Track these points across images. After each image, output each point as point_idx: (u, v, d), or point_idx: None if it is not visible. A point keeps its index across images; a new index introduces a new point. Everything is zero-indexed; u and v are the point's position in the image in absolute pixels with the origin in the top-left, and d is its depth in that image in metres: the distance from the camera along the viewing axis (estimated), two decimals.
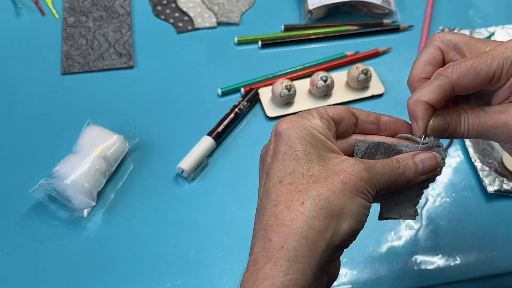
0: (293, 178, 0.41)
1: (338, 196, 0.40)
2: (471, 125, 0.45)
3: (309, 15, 0.86)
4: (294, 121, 0.43)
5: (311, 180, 0.40)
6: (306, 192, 0.40)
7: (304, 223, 0.39)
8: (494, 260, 0.66)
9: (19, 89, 0.80)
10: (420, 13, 0.89)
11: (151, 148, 0.74)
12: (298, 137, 0.42)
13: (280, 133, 0.42)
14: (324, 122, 0.43)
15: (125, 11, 0.88)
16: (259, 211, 0.41)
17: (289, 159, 0.41)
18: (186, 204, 0.70)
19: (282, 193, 0.40)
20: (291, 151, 0.42)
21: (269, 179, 0.42)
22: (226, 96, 0.79)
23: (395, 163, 0.44)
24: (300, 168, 0.41)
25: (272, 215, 0.40)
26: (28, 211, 0.68)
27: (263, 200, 0.41)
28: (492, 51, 0.44)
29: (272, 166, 0.42)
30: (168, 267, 0.65)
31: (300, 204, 0.39)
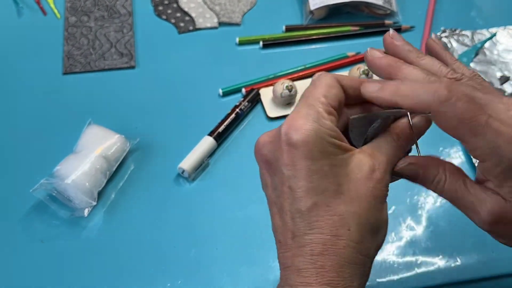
0: (328, 198, 0.40)
1: (374, 213, 0.41)
2: (446, 190, 0.43)
3: (311, 15, 0.86)
4: (309, 129, 0.40)
5: (346, 198, 0.40)
6: (349, 216, 0.40)
7: (355, 250, 0.40)
8: (495, 261, 0.66)
9: (20, 88, 0.80)
10: (421, 14, 0.89)
11: (152, 148, 0.74)
12: (320, 150, 0.40)
13: (297, 145, 0.40)
14: (333, 120, 0.42)
15: (127, 11, 0.88)
16: (294, 232, 0.40)
17: (317, 177, 0.40)
18: (186, 204, 0.70)
19: (323, 218, 0.40)
20: (316, 167, 0.40)
21: (299, 199, 0.40)
22: (227, 96, 0.79)
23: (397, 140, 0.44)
24: (331, 185, 0.40)
25: (319, 243, 0.40)
26: (29, 210, 0.68)
27: (298, 223, 0.40)
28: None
29: (297, 184, 0.40)
30: (168, 267, 0.65)
31: (347, 231, 0.40)
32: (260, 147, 0.43)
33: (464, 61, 0.82)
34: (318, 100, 0.42)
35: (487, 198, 0.41)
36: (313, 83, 0.43)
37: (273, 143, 0.42)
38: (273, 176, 0.42)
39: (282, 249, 0.41)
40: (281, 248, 0.42)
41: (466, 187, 0.42)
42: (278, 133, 0.41)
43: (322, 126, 0.40)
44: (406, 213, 0.69)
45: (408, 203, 0.70)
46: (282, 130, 0.41)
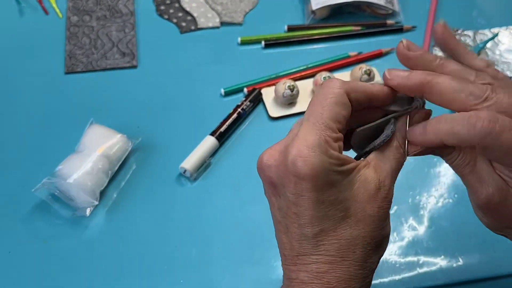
0: (334, 224, 0.41)
1: (379, 232, 0.42)
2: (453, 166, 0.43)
3: (313, 15, 0.86)
4: (317, 164, 0.39)
5: (352, 222, 0.41)
6: (354, 240, 0.41)
7: (360, 268, 0.41)
8: (497, 261, 0.66)
9: (22, 88, 0.80)
10: (423, 14, 0.89)
11: (154, 148, 0.74)
12: (326, 182, 0.40)
13: (304, 178, 0.39)
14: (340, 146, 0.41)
15: (129, 11, 0.88)
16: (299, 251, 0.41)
17: (324, 207, 0.40)
18: (188, 204, 0.70)
19: (330, 242, 0.41)
20: (323, 198, 0.40)
21: (305, 225, 0.40)
22: (229, 96, 0.79)
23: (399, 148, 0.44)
24: (337, 212, 0.40)
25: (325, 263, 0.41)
26: (31, 210, 0.68)
27: (305, 246, 0.41)
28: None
29: (304, 212, 0.40)
30: (170, 266, 0.65)
31: (352, 252, 0.41)
32: (265, 168, 0.42)
33: None
34: (327, 127, 0.40)
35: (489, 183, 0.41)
36: (322, 96, 0.42)
37: (279, 168, 0.41)
38: (278, 198, 0.42)
39: (288, 262, 0.42)
40: (286, 261, 0.42)
41: (474, 167, 0.42)
42: (285, 159, 0.40)
43: (330, 157, 0.40)
44: (408, 213, 0.69)
45: (410, 203, 0.70)
46: (290, 158, 0.40)
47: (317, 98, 0.42)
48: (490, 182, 0.41)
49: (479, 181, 0.42)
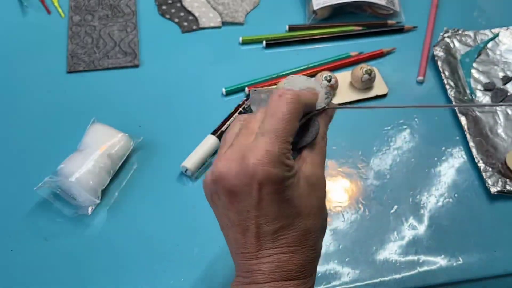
0: (292, 220, 0.45)
1: (322, 217, 0.48)
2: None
3: (314, 15, 0.87)
4: (277, 176, 0.44)
5: (305, 215, 0.46)
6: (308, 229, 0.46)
7: (313, 252, 0.47)
8: (497, 260, 0.66)
9: (25, 87, 0.80)
10: (424, 14, 0.89)
11: (156, 147, 0.74)
12: (283, 186, 0.44)
13: (267, 184, 0.44)
14: (291, 154, 0.45)
15: (131, 10, 0.88)
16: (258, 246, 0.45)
17: (284, 207, 0.45)
18: (189, 203, 0.70)
19: (288, 235, 0.46)
20: (282, 198, 0.45)
21: (267, 224, 0.45)
22: (230, 95, 0.80)
23: (322, 140, 0.49)
24: (293, 210, 0.45)
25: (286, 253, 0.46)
26: (33, 208, 0.69)
27: (265, 241, 0.45)
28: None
29: (267, 213, 0.45)
30: (171, 265, 0.65)
31: (307, 240, 0.46)
32: (223, 177, 0.45)
33: (467, 61, 0.82)
34: (285, 140, 0.44)
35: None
36: (283, 112, 0.45)
37: (239, 176, 0.44)
38: (237, 203, 0.45)
39: (247, 257, 0.46)
40: (245, 257, 0.46)
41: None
42: (246, 167, 0.44)
43: (286, 166, 0.44)
44: (408, 213, 0.69)
45: (410, 202, 0.70)
46: (252, 167, 0.43)
47: (279, 110, 0.45)
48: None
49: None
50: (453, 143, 0.75)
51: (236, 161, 0.44)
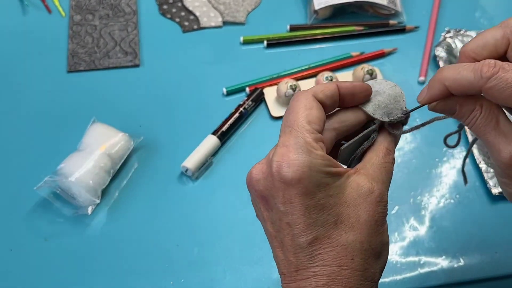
0: (328, 230, 0.40)
1: (376, 237, 0.41)
2: (476, 126, 0.42)
3: (315, 15, 0.86)
4: (303, 166, 0.39)
5: (346, 227, 0.40)
6: (350, 246, 0.40)
7: (360, 278, 0.40)
8: (498, 262, 0.66)
9: (25, 86, 0.80)
10: (426, 14, 0.89)
11: (156, 147, 0.74)
12: (315, 184, 0.39)
13: (291, 183, 0.39)
14: (323, 147, 0.41)
15: (131, 10, 0.88)
16: (297, 265, 0.40)
17: (315, 212, 0.39)
18: (190, 203, 0.70)
19: (326, 250, 0.40)
20: (314, 202, 0.39)
21: (299, 235, 0.40)
22: (231, 95, 0.79)
23: (387, 155, 0.44)
24: (330, 217, 0.40)
25: (324, 274, 0.39)
26: (33, 208, 0.68)
27: (301, 257, 0.40)
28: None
29: (296, 220, 0.39)
30: (171, 265, 0.65)
31: (350, 260, 0.40)
32: (254, 183, 0.42)
33: None
34: (303, 128, 0.40)
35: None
36: (292, 107, 0.42)
37: (267, 180, 0.41)
38: (270, 211, 0.42)
39: (287, 280, 0.41)
40: (285, 279, 0.41)
41: (497, 124, 0.41)
42: (270, 169, 0.40)
43: (315, 158, 0.39)
44: (409, 213, 0.69)
45: (411, 203, 0.70)
46: (274, 166, 0.40)
47: (288, 110, 0.42)
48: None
49: (503, 138, 0.40)
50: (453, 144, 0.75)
51: (265, 165, 0.41)
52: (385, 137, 0.45)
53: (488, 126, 0.41)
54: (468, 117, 0.42)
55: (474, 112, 0.42)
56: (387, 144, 0.44)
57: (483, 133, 0.42)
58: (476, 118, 0.42)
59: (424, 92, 0.43)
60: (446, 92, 0.41)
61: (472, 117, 0.42)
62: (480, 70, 0.39)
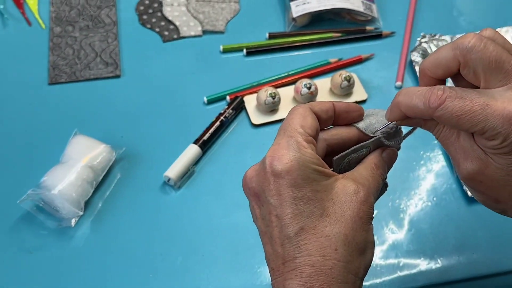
0: (314, 222, 0.42)
1: (360, 233, 0.43)
2: (439, 140, 0.45)
3: (293, 22, 0.88)
4: (292, 159, 0.42)
5: (332, 220, 0.42)
6: (335, 238, 0.42)
7: (343, 270, 0.41)
8: (475, 262, 0.67)
9: (6, 99, 0.81)
10: (402, 20, 0.90)
11: (138, 157, 0.75)
12: (303, 177, 0.42)
13: (281, 175, 0.42)
14: (313, 148, 0.44)
15: (111, 21, 0.89)
16: (284, 257, 0.42)
17: (302, 203, 0.42)
18: (173, 212, 0.71)
19: (310, 240, 0.42)
20: (301, 194, 0.42)
21: (286, 225, 0.42)
22: (212, 104, 0.80)
23: (376, 170, 0.47)
24: (316, 210, 0.42)
25: (308, 264, 0.41)
26: (17, 221, 0.69)
27: (287, 247, 0.42)
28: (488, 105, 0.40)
29: (284, 211, 0.42)
30: (155, 274, 0.66)
31: (334, 251, 0.42)
32: (247, 181, 0.45)
33: None
34: (296, 131, 0.44)
35: (471, 154, 0.43)
36: (289, 115, 0.46)
37: (259, 175, 0.44)
38: (261, 207, 0.44)
39: (275, 275, 0.43)
40: (274, 274, 0.43)
41: (458, 139, 0.44)
42: (263, 165, 0.43)
43: (304, 154, 0.43)
44: (388, 217, 0.70)
45: (390, 207, 0.71)
46: (267, 161, 0.43)
47: (285, 118, 0.46)
48: (470, 154, 0.43)
49: (461, 154, 0.43)
50: (431, 147, 0.77)
51: (259, 164, 0.45)
52: (376, 155, 0.48)
53: (449, 140, 0.44)
54: (434, 130, 0.45)
55: (437, 126, 0.45)
56: (376, 160, 0.47)
57: (446, 146, 0.45)
58: (439, 132, 0.45)
59: (388, 113, 0.46)
60: (404, 115, 0.45)
61: (436, 130, 0.45)
62: (428, 100, 0.41)
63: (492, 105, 0.40)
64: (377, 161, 0.47)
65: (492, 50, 0.41)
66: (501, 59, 0.41)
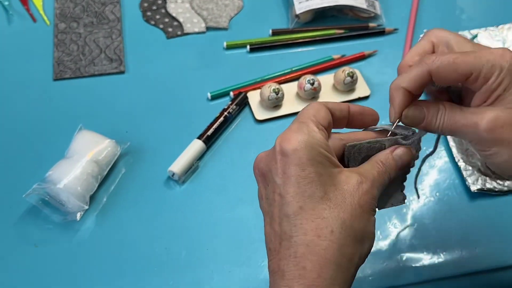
0: (314, 203, 0.42)
1: (359, 220, 0.43)
2: (446, 121, 0.47)
3: (297, 19, 0.88)
4: (301, 140, 0.43)
5: (331, 204, 0.43)
6: (332, 220, 0.42)
7: (337, 252, 0.42)
8: (478, 257, 0.68)
9: (12, 95, 0.81)
10: (405, 17, 0.90)
11: (142, 152, 0.75)
12: (309, 158, 0.43)
13: (288, 153, 0.43)
14: (323, 134, 0.45)
15: (115, 17, 0.89)
16: (280, 235, 0.43)
17: (304, 183, 0.43)
18: (177, 207, 0.71)
19: (308, 220, 0.42)
20: (305, 174, 0.43)
21: (287, 203, 0.43)
22: (216, 99, 0.81)
23: (381, 166, 0.47)
24: (317, 192, 0.43)
25: (302, 244, 0.42)
26: (22, 215, 0.69)
27: (285, 226, 0.43)
28: (477, 52, 0.45)
29: (287, 190, 0.43)
30: (160, 268, 0.66)
31: (329, 232, 0.42)
32: (257, 162, 0.46)
33: None
34: (308, 119, 0.45)
35: (485, 110, 0.45)
36: (303, 108, 0.47)
37: (268, 156, 0.45)
38: (266, 187, 0.45)
39: (272, 256, 0.44)
40: (271, 255, 0.44)
41: (463, 111, 0.47)
42: (273, 148, 0.45)
43: (313, 137, 0.44)
44: (391, 212, 0.71)
45: None
46: (276, 143, 0.44)
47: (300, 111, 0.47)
48: (485, 111, 0.46)
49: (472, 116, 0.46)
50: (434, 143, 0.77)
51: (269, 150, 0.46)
52: (385, 152, 0.48)
53: (456, 115, 0.46)
54: (437, 118, 0.47)
55: (440, 111, 0.47)
56: (383, 157, 0.48)
57: (455, 122, 0.47)
58: (443, 115, 0.47)
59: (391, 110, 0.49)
60: (407, 94, 0.47)
61: (440, 116, 0.47)
62: (423, 61, 0.46)
63: (480, 53, 0.45)
64: (384, 158, 0.48)
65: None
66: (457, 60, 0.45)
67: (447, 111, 0.47)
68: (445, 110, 0.47)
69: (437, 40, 0.50)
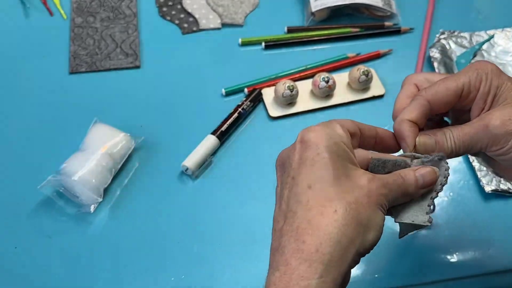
0: (322, 184, 0.43)
1: (365, 208, 0.43)
2: (456, 137, 0.49)
3: (312, 17, 0.88)
4: (321, 131, 0.44)
5: (339, 189, 0.43)
6: (338, 201, 0.42)
7: (338, 230, 0.41)
8: (491, 258, 0.67)
9: (28, 88, 0.82)
10: (420, 16, 0.90)
11: (156, 146, 0.75)
12: (326, 146, 0.44)
13: (307, 141, 0.44)
14: (346, 133, 0.46)
15: (132, 12, 0.90)
16: (286, 214, 0.43)
17: (318, 166, 0.43)
18: (190, 201, 0.71)
19: (314, 198, 0.42)
20: (319, 158, 0.43)
21: (297, 184, 0.43)
22: (230, 96, 0.81)
23: (401, 178, 0.47)
24: (328, 175, 0.43)
25: (305, 219, 0.42)
26: (37, 206, 0.70)
27: (291, 203, 0.43)
28: (460, 72, 0.50)
29: (300, 171, 0.44)
30: (172, 262, 0.66)
31: (333, 211, 0.42)
32: (280, 154, 0.47)
33: (462, 62, 0.84)
34: (334, 121, 0.46)
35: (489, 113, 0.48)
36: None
37: (289, 147, 0.46)
38: (283, 174, 0.46)
39: (275, 235, 0.44)
40: (274, 235, 0.44)
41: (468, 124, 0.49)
42: (295, 141, 0.46)
43: (334, 131, 0.45)
44: None
45: None
46: (299, 135, 0.45)
47: None
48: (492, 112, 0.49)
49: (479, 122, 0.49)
50: None
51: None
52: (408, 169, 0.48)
53: (464, 129, 0.49)
54: (446, 138, 0.49)
55: (446, 132, 0.49)
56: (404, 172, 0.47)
57: (465, 134, 0.49)
58: (451, 134, 0.49)
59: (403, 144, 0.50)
60: (413, 125, 0.50)
61: (448, 136, 0.49)
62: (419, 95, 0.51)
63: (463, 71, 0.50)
64: (405, 173, 0.47)
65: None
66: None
67: (453, 129, 0.49)
68: (451, 130, 0.50)
69: (418, 81, 0.53)
